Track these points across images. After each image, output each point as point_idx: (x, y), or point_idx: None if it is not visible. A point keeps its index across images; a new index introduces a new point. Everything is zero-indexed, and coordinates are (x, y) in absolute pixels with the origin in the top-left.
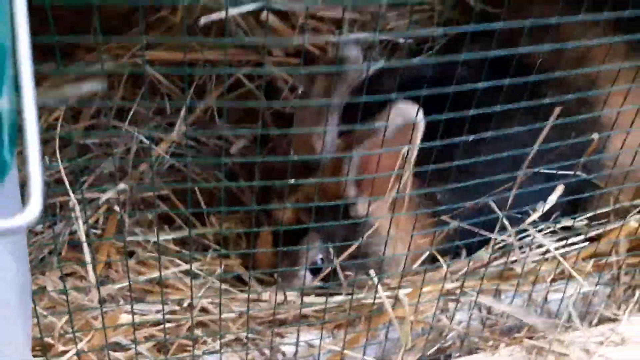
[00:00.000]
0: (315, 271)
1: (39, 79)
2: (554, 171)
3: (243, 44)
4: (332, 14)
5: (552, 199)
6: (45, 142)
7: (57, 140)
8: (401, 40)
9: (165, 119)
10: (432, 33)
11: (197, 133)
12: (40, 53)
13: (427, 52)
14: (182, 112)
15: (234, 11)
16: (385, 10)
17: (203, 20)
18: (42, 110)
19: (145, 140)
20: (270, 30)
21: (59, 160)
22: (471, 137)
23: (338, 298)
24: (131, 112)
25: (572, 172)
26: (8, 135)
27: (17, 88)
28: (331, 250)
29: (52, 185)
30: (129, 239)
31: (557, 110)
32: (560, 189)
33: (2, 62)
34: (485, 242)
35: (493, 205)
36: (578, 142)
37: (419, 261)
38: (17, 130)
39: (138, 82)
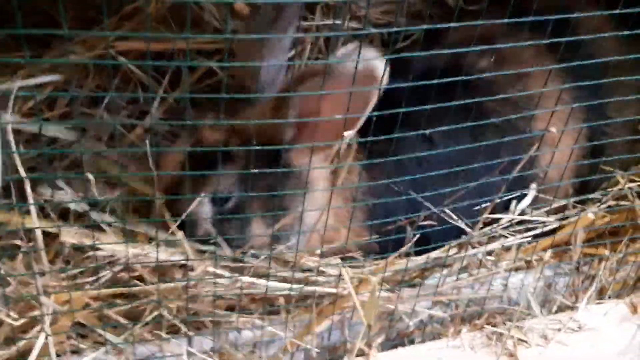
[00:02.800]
0: (219, 202)
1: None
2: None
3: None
4: None
5: (526, 202)
6: (19, 131)
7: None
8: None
9: (139, 108)
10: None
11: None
12: (14, 43)
13: (402, 42)
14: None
15: None
16: None
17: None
18: (17, 99)
19: (119, 128)
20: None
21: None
22: (428, 131)
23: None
24: (105, 101)
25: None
26: None
27: None
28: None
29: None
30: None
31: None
32: (532, 192)
33: None
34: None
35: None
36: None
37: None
38: None
39: (113, 70)
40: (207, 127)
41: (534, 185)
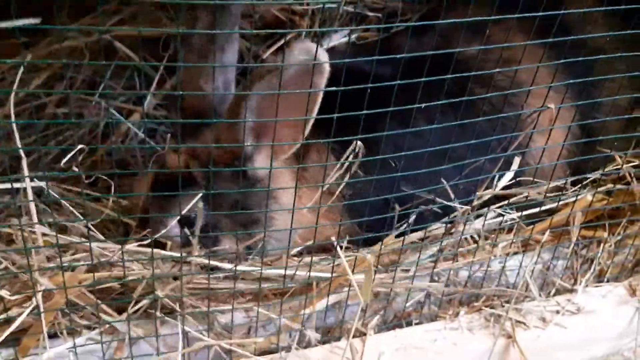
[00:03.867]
0: (187, 224)
1: None
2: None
3: None
4: None
5: (507, 177)
6: (17, 115)
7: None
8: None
9: (136, 94)
10: None
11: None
12: (9, 32)
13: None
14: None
15: None
16: None
17: None
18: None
19: (115, 113)
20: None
21: None
22: (423, 105)
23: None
24: (102, 85)
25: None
26: None
27: None
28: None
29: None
30: None
31: None
32: (516, 162)
33: None
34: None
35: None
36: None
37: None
38: None
39: (109, 58)
40: (170, 153)
41: (516, 160)
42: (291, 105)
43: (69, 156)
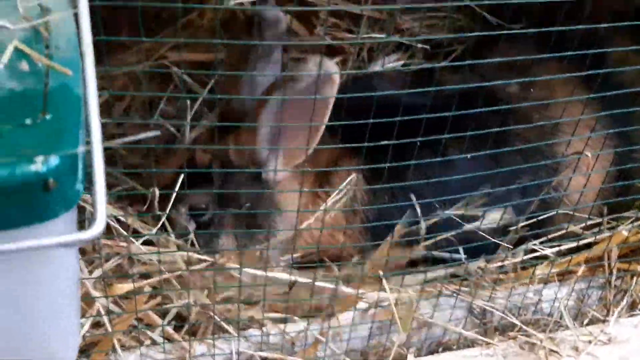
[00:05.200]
0: (194, 215)
1: None
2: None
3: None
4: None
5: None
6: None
7: None
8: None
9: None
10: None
11: None
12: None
13: (444, 58)
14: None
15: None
16: (402, 12)
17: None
18: None
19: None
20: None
21: None
22: (469, 155)
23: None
24: (159, 108)
25: None
26: (81, 172)
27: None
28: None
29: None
30: None
31: None
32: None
33: (78, 111)
34: None
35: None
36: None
37: None
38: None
39: (165, 80)
40: (200, 149)
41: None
42: (306, 113)
43: (148, 202)
